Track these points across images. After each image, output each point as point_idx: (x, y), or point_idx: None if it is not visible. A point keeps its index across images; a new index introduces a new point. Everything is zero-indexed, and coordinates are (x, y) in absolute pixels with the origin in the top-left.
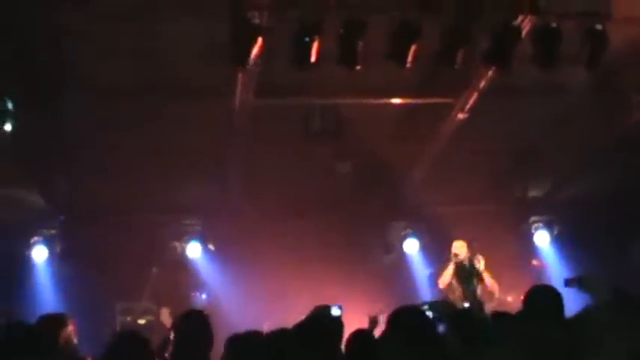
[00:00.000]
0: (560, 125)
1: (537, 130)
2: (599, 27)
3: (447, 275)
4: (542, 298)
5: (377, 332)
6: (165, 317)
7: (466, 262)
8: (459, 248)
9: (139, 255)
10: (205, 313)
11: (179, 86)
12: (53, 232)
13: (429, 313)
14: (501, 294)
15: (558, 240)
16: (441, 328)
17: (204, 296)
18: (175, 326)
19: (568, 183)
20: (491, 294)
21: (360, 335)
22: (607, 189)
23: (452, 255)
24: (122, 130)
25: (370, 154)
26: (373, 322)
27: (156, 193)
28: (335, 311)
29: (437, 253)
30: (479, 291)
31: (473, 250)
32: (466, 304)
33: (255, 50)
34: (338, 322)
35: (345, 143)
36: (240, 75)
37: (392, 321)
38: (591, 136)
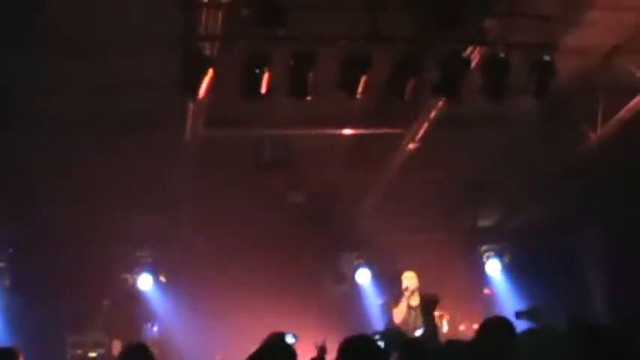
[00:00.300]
0: (510, 154)
1: (487, 160)
2: (547, 58)
3: (401, 313)
4: (496, 329)
5: None
6: (117, 350)
7: (417, 293)
8: (410, 279)
9: (89, 287)
10: (149, 346)
11: (129, 118)
12: (2, 264)
13: (381, 343)
14: (453, 323)
15: (509, 268)
16: (392, 358)
17: (155, 328)
18: None
19: (518, 211)
20: (440, 326)
21: None
22: (556, 216)
23: (403, 289)
24: (72, 163)
25: (322, 184)
26: (322, 350)
27: (107, 225)
28: (289, 339)
29: (388, 283)
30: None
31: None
32: (419, 332)
33: (205, 81)
34: (291, 351)
35: (296, 173)
36: (191, 106)
37: (343, 349)
38: (540, 165)
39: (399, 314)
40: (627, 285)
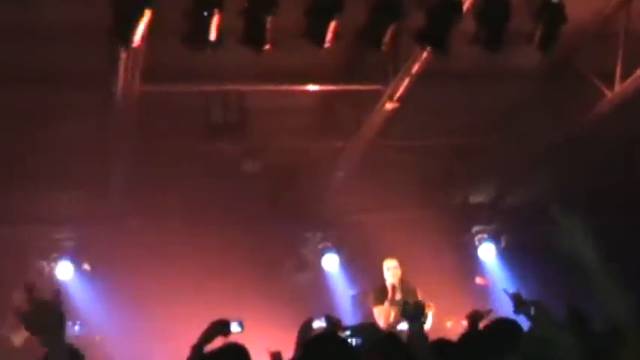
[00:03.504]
0: (508, 117)
1: (481, 124)
2: (555, 0)
3: (388, 316)
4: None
5: None
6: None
7: (400, 286)
8: (392, 272)
9: None
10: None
11: (51, 72)
12: None
13: (353, 340)
14: (439, 317)
15: (506, 253)
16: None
17: (77, 327)
18: None
19: (517, 186)
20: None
21: None
22: (563, 192)
23: (388, 286)
24: None
25: (282, 152)
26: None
27: (18, 201)
28: (235, 328)
29: (361, 270)
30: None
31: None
32: (402, 325)
33: (142, 27)
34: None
35: (252, 139)
36: (123, 56)
37: (306, 351)
38: (545, 131)
39: (383, 316)
40: None
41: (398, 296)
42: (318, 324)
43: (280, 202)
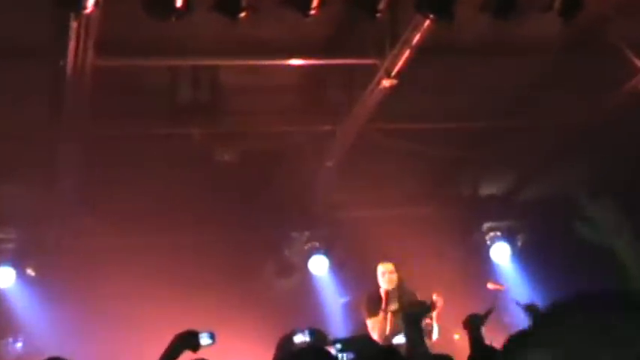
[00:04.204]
0: (525, 98)
1: (493, 105)
2: None
3: (383, 328)
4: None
5: None
6: None
7: (397, 293)
8: (388, 278)
9: None
10: None
11: None
12: None
13: (344, 356)
14: (445, 329)
15: (522, 254)
16: None
17: (19, 344)
18: None
19: (536, 177)
20: (430, 332)
21: None
22: (588, 184)
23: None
24: None
25: (261, 138)
26: None
27: None
28: (204, 341)
29: (354, 275)
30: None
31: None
32: (399, 338)
33: None
34: None
35: (226, 122)
36: (74, 25)
37: None
38: (569, 113)
39: (378, 328)
40: None
41: (393, 306)
42: (301, 338)
43: (260, 197)
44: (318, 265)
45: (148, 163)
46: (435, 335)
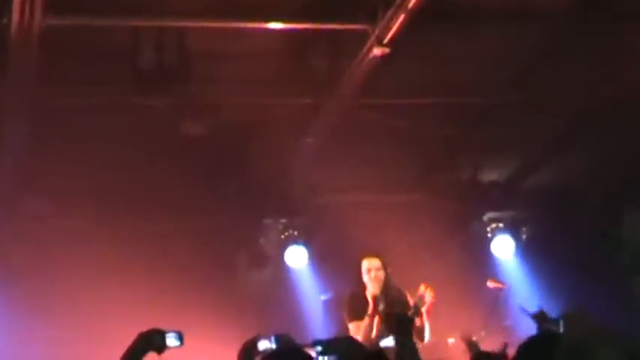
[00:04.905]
0: (532, 71)
1: (496, 79)
2: None
3: (370, 332)
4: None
5: None
6: None
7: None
8: (374, 276)
9: None
10: None
11: None
12: None
13: (325, 359)
14: (439, 332)
15: (527, 249)
16: None
17: None
18: None
19: (544, 161)
20: (420, 333)
21: None
22: (600, 170)
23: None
24: None
25: (234, 109)
26: None
27: None
28: (171, 341)
29: (336, 268)
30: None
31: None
32: (386, 341)
33: None
34: None
35: (194, 91)
36: None
37: None
38: (580, 89)
39: (362, 333)
40: None
41: (380, 308)
42: (266, 344)
43: (231, 177)
44: (296, 257)
45: (103, 136)
46: (426, 336)
